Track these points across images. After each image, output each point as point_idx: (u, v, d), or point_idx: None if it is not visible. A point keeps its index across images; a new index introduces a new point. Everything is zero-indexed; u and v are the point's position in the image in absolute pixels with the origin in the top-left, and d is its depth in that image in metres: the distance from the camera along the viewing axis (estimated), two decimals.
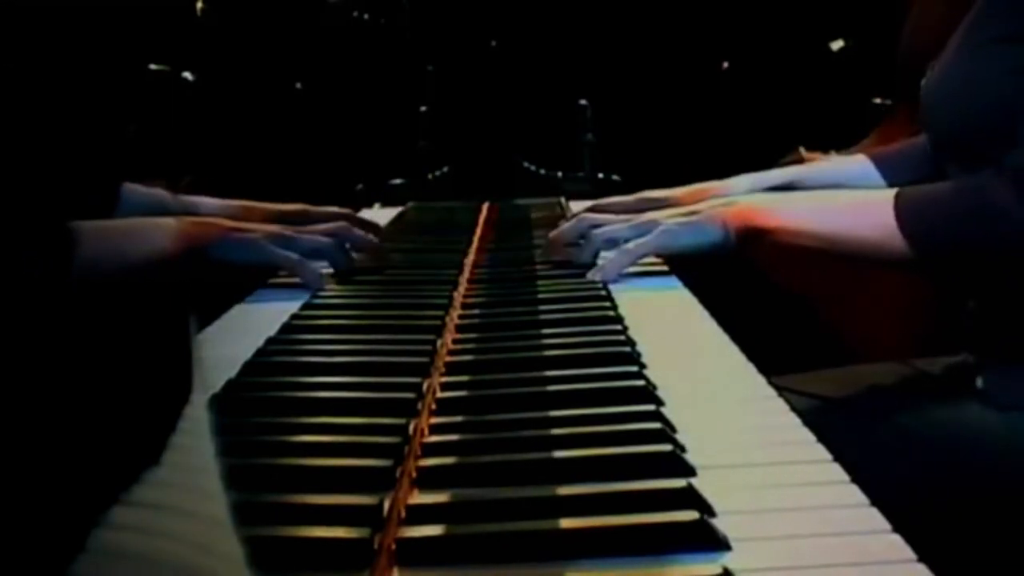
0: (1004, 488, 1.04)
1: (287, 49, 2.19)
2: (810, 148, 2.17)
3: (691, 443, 0.65)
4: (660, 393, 0.74)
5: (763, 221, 1.11)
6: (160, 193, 1.28)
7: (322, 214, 1.32)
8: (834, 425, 1.09)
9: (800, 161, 2.19)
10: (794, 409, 0.73)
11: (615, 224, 1.20)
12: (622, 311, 0.98)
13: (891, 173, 1.32)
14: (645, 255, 1.16)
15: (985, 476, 1.06)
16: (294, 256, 1.13)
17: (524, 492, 0.57)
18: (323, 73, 2.21)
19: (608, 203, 1.38)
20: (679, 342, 0.93)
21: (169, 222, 1.09)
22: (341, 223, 1.24)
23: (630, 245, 1.15)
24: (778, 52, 2.54)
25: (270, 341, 0.90)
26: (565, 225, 1.27)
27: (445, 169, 2.04)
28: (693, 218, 1.14)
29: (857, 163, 1.36)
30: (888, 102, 2.23)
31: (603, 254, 1.20)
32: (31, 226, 0.83)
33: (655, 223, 1.16)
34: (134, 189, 1.27)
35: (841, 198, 1.13)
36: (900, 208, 1.03)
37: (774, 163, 2.14)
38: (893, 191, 1.05)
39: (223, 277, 1.12)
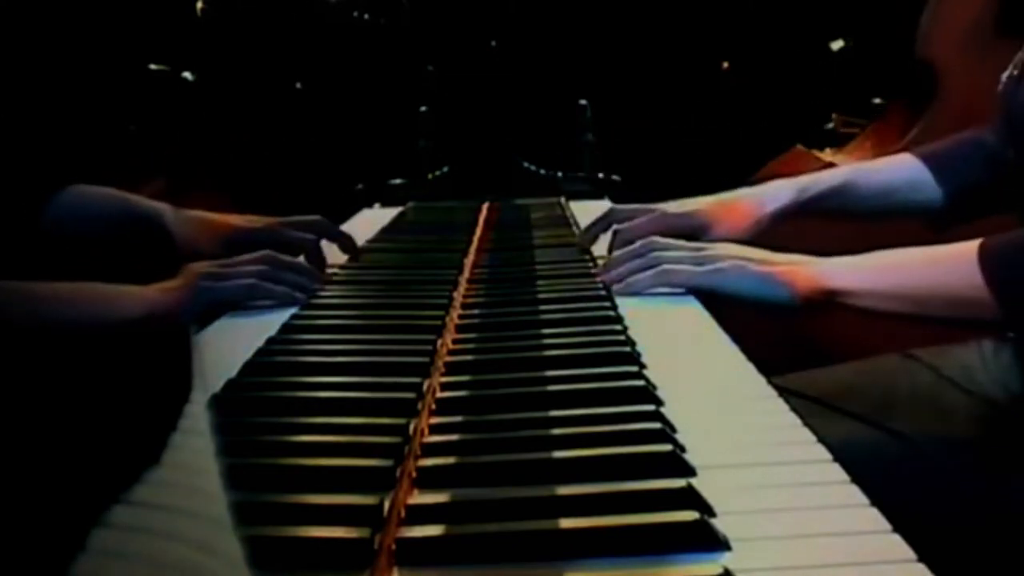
0: (1011, 487, 1.04)
1: (287, 49, 2.19)
2: (809, 147, 2.17)
3: (691, 443, 0.65)
4: (660, 393, 0.74)
5: (830, 283, 1.01)
6: (119, 195, 1.26)
7: (292, 224, 1.27)
8: (834, 425, 1.09)
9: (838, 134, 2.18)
10: (794, 409, 0.73)
11: (677, 253, 1.09)
12: (622, 311, 0.98)
13: (946, 176, 1.25)
14: (687, 287, 1.06)
15: (992, 475, 1.06)
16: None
17: (524, 492, 0.57)
18: (323, 73, 2.21)
19: (625, 210, 1.29)
20: (679, 342, 0.93)
21: (135, 297, 1.00)
22: (268, 253, 1.11)
23: (676, 267, 1.06)
24: (778, 52, 2.54)
25: (270, 341, 0.90)
26: (627, 249, 1.13)
27: (445, 169, 2.05)
28: (760, 268, 1.04)
29: (906, 165, 1.27)
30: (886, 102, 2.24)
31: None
32: None
33: (717, 258, 1.06)
34: (89, 192, 1.24)
35: (919, 254, 1.00)
36: (984, 259, 0.92)
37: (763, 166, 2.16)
38: (973, 245, 0.95)
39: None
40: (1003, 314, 0.92)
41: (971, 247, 0.94)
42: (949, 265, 0.96)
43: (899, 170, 1.28)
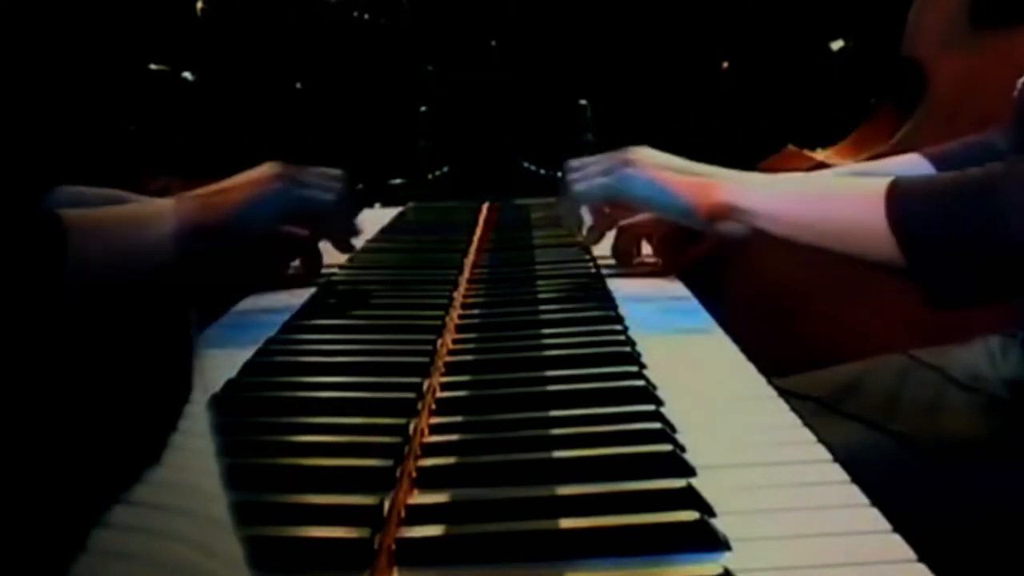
0: (1012, 487, 1.04)
1: (287, 49, 2.18)
2: (803, 146, 2.17)
3: (691, 443, 0.65)
4: (660, 393, 0.74)
5: (734, 199, 1.02)
6: (117, 195, 1.26)
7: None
8: (835, 426, 1.09)
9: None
10: (794, 409, 0.73)
11: (590, 169, 1.14)
12: (622, 311, 0.98)
13: None
14: (600, 197, 1.13)
15: (993, 475, 1.05)
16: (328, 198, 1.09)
17: (524, 492, 0.57)
18: (323, 73, 2.21)
19: None
20: (679, 342, 0.93)
21: (170, 205, 1.00)
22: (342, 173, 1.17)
23: (582, 186, 1.12)
24: (778, 52, 2.54)
25: (270, 341, 0.90)
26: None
27: (445, 169, 2.04)
28: (666, 176, 1.07)
29: (914, 165, 1.25)
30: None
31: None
32: (21, 219, 0.81)
33: (628, 163, 1.09)
34: (86, 193, 1.24)
35: (832, 184, 1.02)
36: (891, 198, 0.92)
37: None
38: (883, 184, 0.94)
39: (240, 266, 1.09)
40: (903, 259, 0.91)
41: (881, 185, 0.93)
42: (858, 202, 0.95)
43: (907, 171, 1.27)
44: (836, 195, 0.99)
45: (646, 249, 1.29)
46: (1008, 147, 1.20)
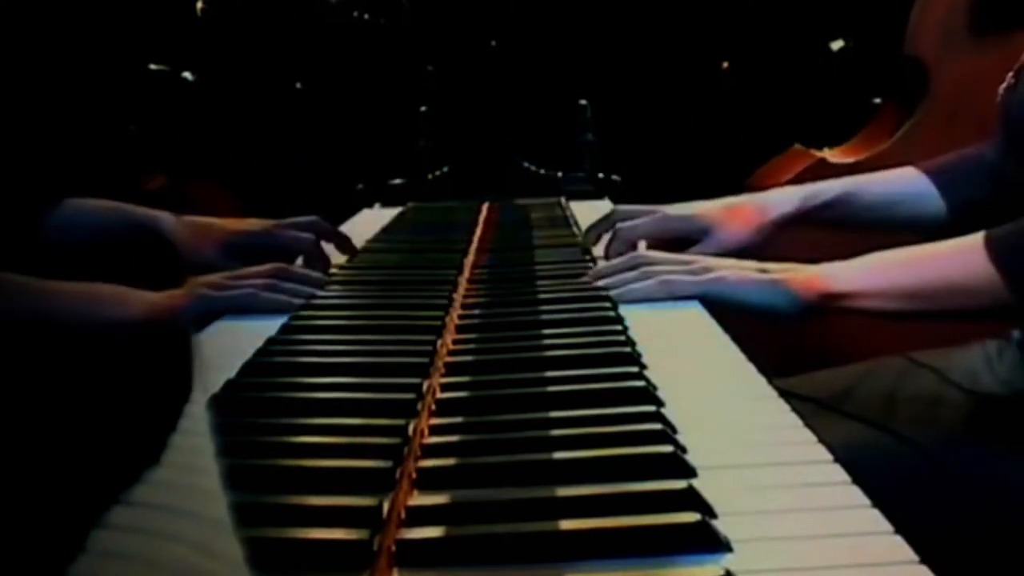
0: (1013, 488, 1.04)
1: (287, 49, 2.18)
2: (807, 146, 2.18)
3: (692, 444, 0.65)
4: (661, 394, 0.74)
5: (840, 286, 1.01)
6: (116, 206, 1.25)
7: (290, 225, 1.28)
8: (835, 427, 1.09)
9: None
10: (795, 410, 0.73)
11: (670, 267, 1.08)
12: (623, 312, 0.98)
13: (950, 189, 1.24)
14: (684, 295, 1.04)
15: (995, 476, 1.05)
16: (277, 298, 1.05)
17: (524, 493, 0.57)
18: (323, 73, 2.21)
19: (628, 210, 1.30)
20: (680, 343, 0.93)
21: (138, 298, 1.00)
22: (278, 265, 1.11)
23: (677, 277, 1.05)
24: (778, 52, 2.54)
25: (270, 341, 0.90)
26: (616, 261, 1.13)
27: (445, 169, 2.04)
28: (756, 276, 1.04)
29: (911, 177, 1.27)
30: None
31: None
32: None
33: (710, 269, 1.06)
34: (85, 204, 1.23)
35: (921, 250, 1.02)
36: (994, 247, 0.95)
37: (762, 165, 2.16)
38: (977, 235, 0.97)
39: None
40: (1016, 300, 0.95)
41: (975, 239, 0.97)
42: (955, 257, 0.98)
43: (904, 182, 1.28)
44: (936, 256, 1.01)
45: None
46: (996, 157, 1.21)
